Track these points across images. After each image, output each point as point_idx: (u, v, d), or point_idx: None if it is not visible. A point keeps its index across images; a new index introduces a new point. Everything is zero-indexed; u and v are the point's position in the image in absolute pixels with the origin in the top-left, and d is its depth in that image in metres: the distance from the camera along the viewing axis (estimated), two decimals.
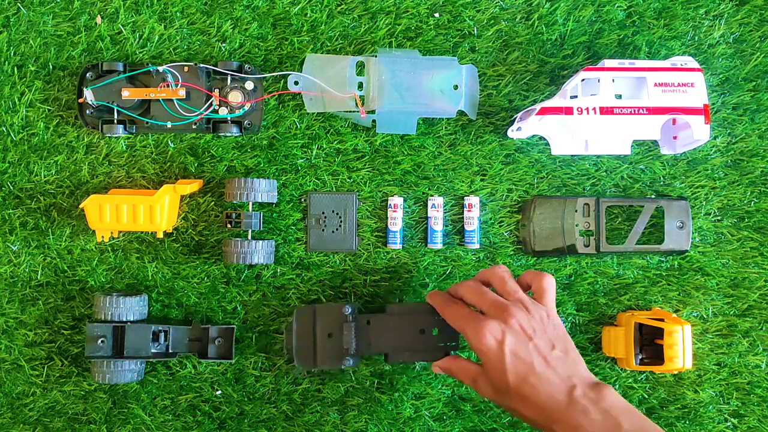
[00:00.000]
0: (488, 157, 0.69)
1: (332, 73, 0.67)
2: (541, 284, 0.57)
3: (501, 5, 0.69)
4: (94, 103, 0.65)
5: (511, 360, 0.52)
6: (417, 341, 0.62)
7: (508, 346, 0.52)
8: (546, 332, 0.54)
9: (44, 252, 0.68)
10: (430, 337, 0.62)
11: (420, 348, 0.62)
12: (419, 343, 0.62)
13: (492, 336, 0.53)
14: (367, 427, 0.68)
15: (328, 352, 0.62)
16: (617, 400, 0.52)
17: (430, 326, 0.62)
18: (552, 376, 0.52)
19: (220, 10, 0.69)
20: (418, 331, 0.62)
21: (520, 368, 0.52)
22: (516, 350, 0.52)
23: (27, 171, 0.68)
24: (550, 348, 0.53)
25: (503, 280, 0.57)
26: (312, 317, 0.63)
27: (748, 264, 0.69)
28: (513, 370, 0.52)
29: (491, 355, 0.53)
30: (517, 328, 0.53)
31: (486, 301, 0.56)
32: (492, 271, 0.59)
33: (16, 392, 0.68)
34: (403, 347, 0.62)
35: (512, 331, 0.53)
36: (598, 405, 0.50)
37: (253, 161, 0.69)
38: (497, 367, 0.53)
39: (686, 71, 0.64)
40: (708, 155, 0.69)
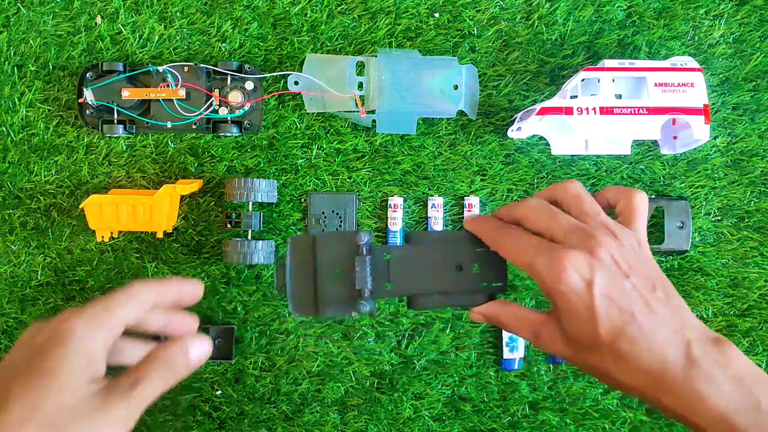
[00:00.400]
0: (488, 157, 0.69)
1: (332, 73, 0.67)
2: (631, 202, 0.43)
3: (501, 5, 0.69)
4: (94, 103, 0.65)
5: (603, 305, 0.38)
6: (451, 280, 0.46)
7: (598, 285, 0.38)
8: (642, 267, 0.40)
9: (44, 252, 0.68)
10: (469, 276, 0.46)
11: (455, 289, 0.47)
12: (454, 282, 0.46)
13: (577, 272, 0.38)
14: (367, 427, 0.68)
15: (334, 295, 0.46)
16: (746, 363, 0.37)
17: (469, 261, 0.46)
18: (658, 327, 0.38)
19: (220, 10, 0.69)
20: (453, 268, 0.47)
21: (615, 316, 0.38)
22: (610, 291, 0.38)
23: (27, 171, 0.68)
24: (651, 288, 0.39)
25: (579, 198, 0.43)
26: (312, 249, 0.47)
27: (748, 264, 0.69)
28: (606, 319, 0.38)
29: (574, 298, 0.38)
30: (609, 261, 0.39)
31: (560, 225, 0.41)
32: (562, 187, 0.44)
33: None
34: (432, 288, 0.46)
35: (603, 266, 0.39)
36: (725, 370, 0.36)
37: (253, 161, 0.69)
38: (582, 315, 0.38)
39: (686, 71, 0.64)
40: (708, 155, 0.69)
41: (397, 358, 0.68)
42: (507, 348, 0.67)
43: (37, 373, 0.35)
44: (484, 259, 0.46)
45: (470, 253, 0.46)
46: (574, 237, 0.40)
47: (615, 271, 0.39)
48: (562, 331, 0.41)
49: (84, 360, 0.36)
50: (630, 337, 0.38)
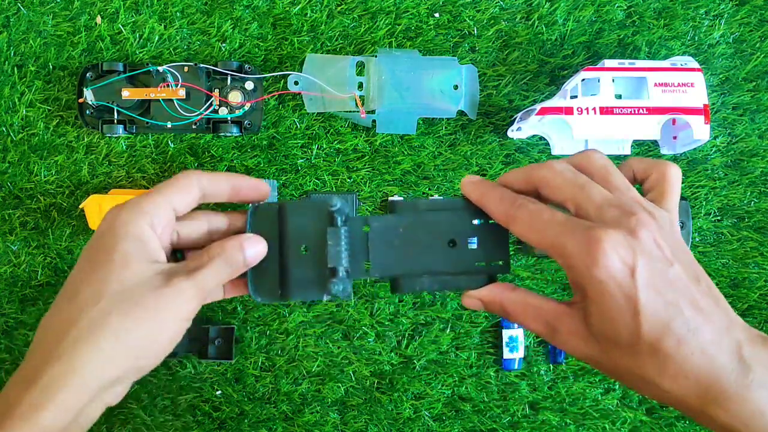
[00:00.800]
0: (488, 157, 0.69)
1: (332, 73, 0.67)
2: (666, 176, 0.37)
3: (501, 5, 0.69)
4: (94, 103, 0.65)
5: (648, 296, 0.32)
6: (442, 258, 0.39)
7: (642, 274, 0.32)
8: (685, 254, 0.34)
9: (44, 252, 0.68)
10: (464, 253, 0.39)
11: (447, 269, 0.39)
12: (446, 260, 0.39)
13: (618, 256, 0.32)
14: (367, 427, 0.68)
15: (303, 274, 0.40)
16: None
17: (465, 235, 0.39)
18: (707, 325, 0.32)
19: (220, 10, 0.69)
20: (445, 243, 0.40)
21: (661, 310, 0.32)
22: (655, 281, 0.32)
23: (27, 171, 0.68)
24: (696, 279, 0.33)
25: (607, 170, 0.36)
26: (279, 221, 0.41)
27: (748, 264, 0.69)
28: (651, 313, 0.32)
29: (614, 287, 0.32)
30: (652, 245, 0.33)
31: (593, 198, 0.34)
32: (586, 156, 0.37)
33: None
34: (420, 268, 0.39)
35: (646, 251, 0.32)
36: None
37: (253, 161, 0.69)
38: (623, 307, 0.32)
39: (686, 71, 0.64)
40: (708, 155, 0.69)
41: (397, 358, 0.68)
42: (507, 348, 0.67)
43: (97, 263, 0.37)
44: (482, 233, 0.39)
45: (466, 225, 0.39)
46: (611, 213, 0.33)
47: (659, 256, 0.33)
48: (587, 326, 0.34)
49: (136, 243, 0.38)
50: (677, 336, 0.31)
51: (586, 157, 0.37)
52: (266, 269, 0.40)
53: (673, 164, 0.37)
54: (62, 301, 0.37)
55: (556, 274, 0.69)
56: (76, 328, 0.35)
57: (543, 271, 0.69)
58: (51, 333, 0.36)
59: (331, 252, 0.38)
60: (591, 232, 0.32)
